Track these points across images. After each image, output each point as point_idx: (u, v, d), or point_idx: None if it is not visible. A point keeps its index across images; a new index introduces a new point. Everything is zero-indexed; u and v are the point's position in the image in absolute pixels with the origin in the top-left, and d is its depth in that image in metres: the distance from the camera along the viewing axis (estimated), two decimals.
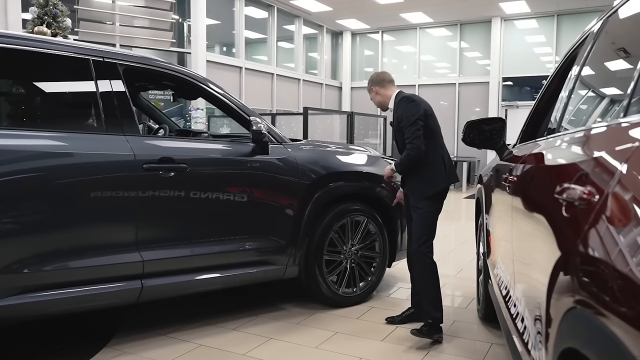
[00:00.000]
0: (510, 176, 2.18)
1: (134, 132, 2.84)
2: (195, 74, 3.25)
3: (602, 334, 0.82)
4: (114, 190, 2.66)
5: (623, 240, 0.83)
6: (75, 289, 2.56)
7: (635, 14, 1.48)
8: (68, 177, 2.54)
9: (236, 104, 3.24)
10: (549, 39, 13.01)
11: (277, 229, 3.22)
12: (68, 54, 2.70)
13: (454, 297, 3.91)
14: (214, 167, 3.05)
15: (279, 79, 13.00)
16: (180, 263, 2.90)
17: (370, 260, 3.68)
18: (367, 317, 3.38)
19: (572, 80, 1.88)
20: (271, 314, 3.40)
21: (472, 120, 2.74)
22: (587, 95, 1.89)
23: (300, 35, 13.86)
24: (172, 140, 3.16)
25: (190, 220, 2.95)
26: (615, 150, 1.04)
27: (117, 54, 2.91)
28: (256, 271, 3.18)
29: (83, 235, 2.61)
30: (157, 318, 3.28)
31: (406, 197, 3.19)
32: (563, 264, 1.11)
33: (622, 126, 1.12)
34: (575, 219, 1.07)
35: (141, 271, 2.74)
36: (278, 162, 3.23)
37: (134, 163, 2.70)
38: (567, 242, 1.11)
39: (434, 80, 14.36)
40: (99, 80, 2.73)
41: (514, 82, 13.51)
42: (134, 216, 2.74)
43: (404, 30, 14.67)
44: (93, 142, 2.67)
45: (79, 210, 2.58)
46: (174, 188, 2.84)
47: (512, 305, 1.92)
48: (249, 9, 12.02)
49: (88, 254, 2.60)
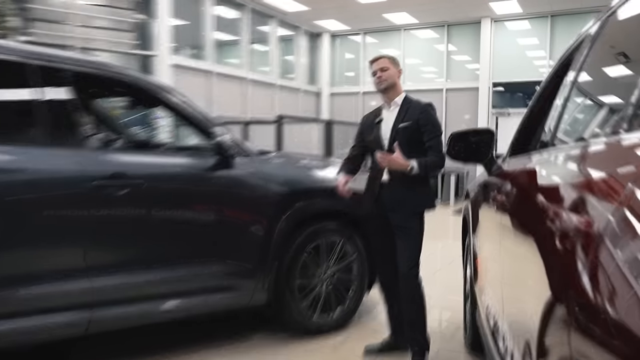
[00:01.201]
0: (499, 195, 2.17)
1: (83, 144, 2.78)
2: (149, 80, 3.21)
3: None
4: (59, 210, 2.61)
5: (624, 281, 0.79)
6: (14, 320, 2.49)
7: (636, 15, 1.48)
8: (8, 195, 2.48)
9: (196, 113, 3.20)
10: (542, 42, 13.26)
11: (243, 250, 3.18)
12: (7, 57, 2.63)
13: (440, 322, 3.89)
14: (173, 183, 3.01)
15: (253, 84, 12.99)
16: (134, 290, 2.84)
17: (347, 283, 3.65)
18: (343, 346, 3.36)
19: (568, 87, 1.87)
20: (237, 345, 3.34)
21: (458, 132, 2.73)
22: (583, 104, 1.89)
23: (275, 37, 13.90)
24: (126, 154, 3.12)
25: (145, 242, 2.90)
26: (616, 171, 1.01)
27: (63, 57, 2.86)
28: (220, 298, 3.13)
29: (25, 259, 2.55)
30: (111, 350, 3.20)
31: (381, 216, 3.09)
32: (554, 307, 1.07)
33: (624, 142, 1.09)
34: (570, 252, 1.03)
35: (91, 299, 2.68)
36: (244, 177, 3.20)
37: (82, 179, 2.64)
38: (558, 281, 1.07)
39: (419, 85, 14.48)
40: (43, 87, 2.67)
41: (505, 88, 13.69)
42: (83, 238, 2.69)
43: (387, 31, 14.82)
44: (37, 157, 2.61)
45: (20, 232, 2.52)
46: (127, 206, 2.79)
47: (501, 339, 1.89)
48: (219, 8, 12.01)
49: (30, 280, 2.53)
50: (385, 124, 3.05)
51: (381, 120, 3.08)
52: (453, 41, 14.33)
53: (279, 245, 3.29)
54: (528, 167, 1.87)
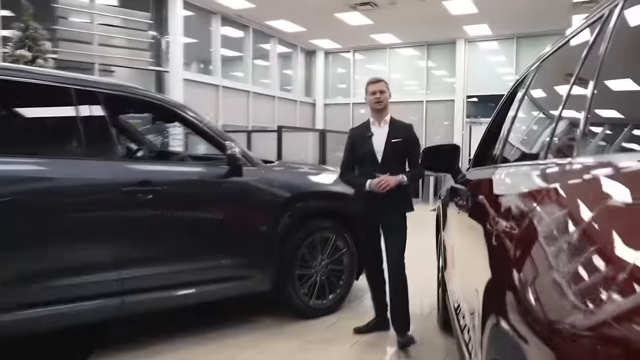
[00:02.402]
0: (461, 199, 2.35)
1: (114, 156, 2.91)
2: (171, 100, 3.35)
3: (517, 349, 0.94)
4: (96, 212, 2.74)
5: (534, 268, 0.96)
6: (60, 306, 2.62)
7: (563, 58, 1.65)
8: (52, 200, 2.61)
9: (211, 128, 3.35)
10: (509, 60, 13.48)
11: (252, 246, 3.32)
12: (53, 83, 2.76)
13: (420, 306, 4.02)
14: (191, 189, 3.14)
15: (255, 97, 13.10)
16: (159, 280, 2.96)
17: (339, 273, 3.79)
18: (336, 326, 3.49)
19: (511, 116, 2.07)
20: (246, 326, 3.47)
21: (429, 147, 2.89)
22: (528, 129, 2.07)
23: (275, 54, 14.01)
24: (150, 164, 3.24)
25: (168, 240, 3.02)
26: (536, 189, 1.19)
27: (97, 82, 2.99)
28: (232, 286, 3.26)
29: (66, 254, 2.66)
30: (139, 332, 3.31)
31: (373, 217, 3.24)
32: (491, 285, 1.25)
33: (548, 165, 1.27)
34: (503, 245, 1.22)
35: (121, 288, 2.80)
36: (252, 184, 3.33)
37: (115, 186, 2.77)
38: (495, 266, 1.26)
39: (403, 97, 14.62)
40: (80, 107, 2.80)
41: (477, 100, 13.90)
42: (115, 236, 2.81)
43: (374, 50, 14.96)
44: (76, 167, 2.74)
45: (61, 231, 2.64)
46: (153, 209, 2.91)
47: (462, 317, 2.06)
48: (225, 29, 12.12)
49: (70, 272, 2.65)
50: (377, 138, 3.21)
51: (372, 135, 3.23)
52: (432, 59, 14.51)
53: (282, 241, 3.42)
54: (484, 178, 2.05)
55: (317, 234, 3.64)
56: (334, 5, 10.73)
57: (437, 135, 14.02)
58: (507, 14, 11.38)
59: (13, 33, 6.12)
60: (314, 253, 3.63)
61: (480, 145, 2.82)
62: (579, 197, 0.94)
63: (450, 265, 2.67)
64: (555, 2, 10.46)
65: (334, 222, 3.73)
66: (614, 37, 1.12)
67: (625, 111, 1.12)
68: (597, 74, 1.13)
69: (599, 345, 0.63)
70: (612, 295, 0.63)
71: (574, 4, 10.62)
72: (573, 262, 0.79)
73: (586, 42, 1.31)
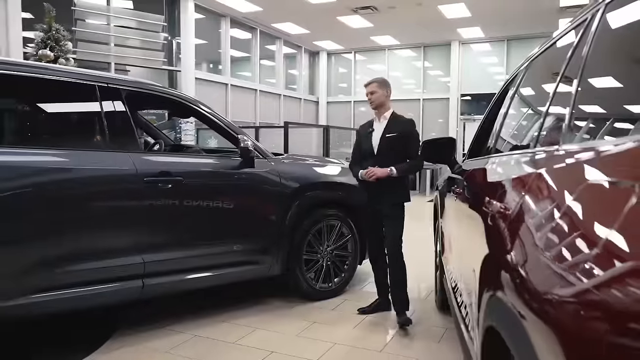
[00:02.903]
0: (458, 188, 2.41)
1: (136, 149, 2.98)
2: (187, 96, 3.40)
3: (511, 316, 1.00)
4: (120, 201, 2.80)
5: (525, 245, 1.03)
6: (86, 288, 2.68)
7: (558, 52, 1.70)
8: (79, 189, 2.67)
9: (225, 122, 3.41)
10: (500, 60, 13.49)
11: (264, 232, 3.39)
12: (80, 81, 2.82)
13: (417, 289, 4.09)
14: (206, 179, 3.20)
15: (262, 95, 13.14)
16: (177, 264, 3.03)
17: (344, 258, 3.86)
18: (341, 308, 3.57)
19: (502, 112, 2.13)
20: (257, 307, 3.54)
21: (428, 140, 2.96)
22: (519, 121, 2.13)
23: (281, 55, 14.02)
24: (169, 156, 3.30)
25: (185, 226, 3.08)
26: (526, 174, 1.26)
27: (120, 80, 3.04)
28: (246, 270, 3.33)
29: (92, 240, 2.72)
30: (154, 313, 3.38)
31: (375, 208, 3.30)
32: (488, 260, 1.32)
33: (537, 154, 1.34)
34: (496, 225, 1.29)
35: (142, 272, 2.87)
36: (263, 174, 3.39)
37: (138, 176, 2.84)
38: (491, 244, 1.33)
39: (401, 95, 14.63)
40: (104, 103, 2.85)
41: (471, 98, 13.92)
42: (137, 223, 2.87)
43: (374, 51, 14.96)
44: (101, 158, 2.80)
45: (91, 218, 2.70)
46: (172, 198, 2.97)
47: (459, 295, 2.13)
48: (234, 31, 12.14)
49: (97, 256, 2.72)
50: (376, 133, 3.28)
51: (372, 130, 3.30)
52: (428, 59, 14.51)
53: (291, 228, 3.49)
54: (479, 167, 2.12)
55: (324, 221, 3.70)
56: (337, 8, 10.75)
57: (433, 132, 14.05)
58: (499, 18, 11.39)
59: (35, 34, 6.16)
60: (320, 239, 3.70)
61: (475, 139, 2.89)
62: (565, 179, 1.01)
63: (448, 249, 2.74)
64: (544, 6, 10.47)
65: (338, 211, 3.79)
66: (596, 39, 1.18)
67: (605, 106, 1.19)
68: (581, 72, 1.19)
69: (582, 310, 0.69)
70: (593, 266, 0.70)
71: (562, 8, 10.63)
72: (558, 238, 0.85)
73: (571, 43, 1.37)
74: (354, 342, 2.97)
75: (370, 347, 2.88)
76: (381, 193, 3.21)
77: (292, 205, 3.49)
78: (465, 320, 1.84)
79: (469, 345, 1.66)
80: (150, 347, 2.86)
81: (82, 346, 2.86)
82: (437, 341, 2.97)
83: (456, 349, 2.82)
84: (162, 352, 2.80)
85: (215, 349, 2.86)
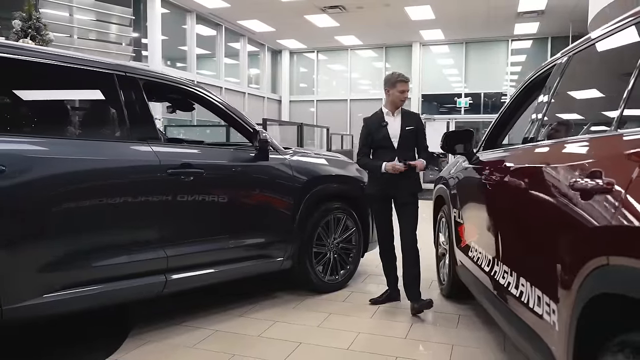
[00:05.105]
0: (482, 176, 2.54)
1: (157, 140, 2.87)
2: (213, 94, 3.31)
3: None
4: (144, 193, 2.68)
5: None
6: (107, 285, 2.55)
7: (602, 52, 1.82)
8: (103, 180, 2.54)
9: (240, 116, 3.34)
10: (458, 63, 13.98)
11: (278, 225, 3.35)
12: (100, 70, 2.68)
13: (422, 279, 4.12)
14: (225, 172, 3.12)
15: (227, 92, 12.93)
16: (198, 258, 2.94)
17: (348, 251, 3.88)
18: (351, 299, 3.59)
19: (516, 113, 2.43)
20: (268, 301, 3.50)
21: (448, 132, 3.06)
22: (534, 116, 2.29)
23: (245, 53, 13.86)
24: (189, 148, 3.19)
25: (207, 220, 3.00)
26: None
27: (138, 70, 2.92)
28: (259, 264, 3.27)
29: (116, 234, 2.60)
30: (165, 310, 3.27)
31: (386, 198, 3.37)
32: (583, 235, 1.37)
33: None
34: (585, 200, 1.36)
35: (165, 266, 2.77)
36: (277, 167, 3.35)
37: (161, 168, 2.74)
38: (580, 221, 1.38)
39: (362, 95, 14.91)
40: (124, 93, 2.72)
41: (431, 99, 14.36)
42: (160, 215, 2.76)
43: (336, 50, 15.09)
44: (124, 150, 2.68)
45: (111, 210, 2.56)
46: (193, 190, 2.88)
47: (501, 277, 2.19)
48: (199, 27, 11.87)
49: (120, 252, 2.60)
50: (392, 127, 3.33)
51: (387, 124, 3.35)
52: (390, 60, 14.81)
53: (302, 221, 3.46)
54: (498, 158, 2.38)
55: (331, 214, 3.70)
56: (305, 7, 10.76)
57: None
58: (460, 21, 11.81)
59: (14, 22, 5.76)
60: (328, 232, 3.70)
61: (488, 134, 3.02)
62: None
63: (470, 236, 2.82)
64: (502, 12, 10.97)
65: (344, 204, 3.80)
66: None
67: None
68: None
69: None
70: None
71: (519, 13, 11.18)
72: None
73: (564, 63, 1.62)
74: (376, 330, 3.00)
75: (394, 334, 2.92)
76: (400, 183, 3.26)
77: (304, 198, 3.47)
78: (522, 298, 1.88)
79: (535, 327, 1.71)
80: (172, 344, 2.76)
81: (100, 346, 2.73)
82: (454, 326, 3.06)
83: (476, 333, 2.93)
84: (186, 348, 2.71)
85: (241, 342, 2.80)
